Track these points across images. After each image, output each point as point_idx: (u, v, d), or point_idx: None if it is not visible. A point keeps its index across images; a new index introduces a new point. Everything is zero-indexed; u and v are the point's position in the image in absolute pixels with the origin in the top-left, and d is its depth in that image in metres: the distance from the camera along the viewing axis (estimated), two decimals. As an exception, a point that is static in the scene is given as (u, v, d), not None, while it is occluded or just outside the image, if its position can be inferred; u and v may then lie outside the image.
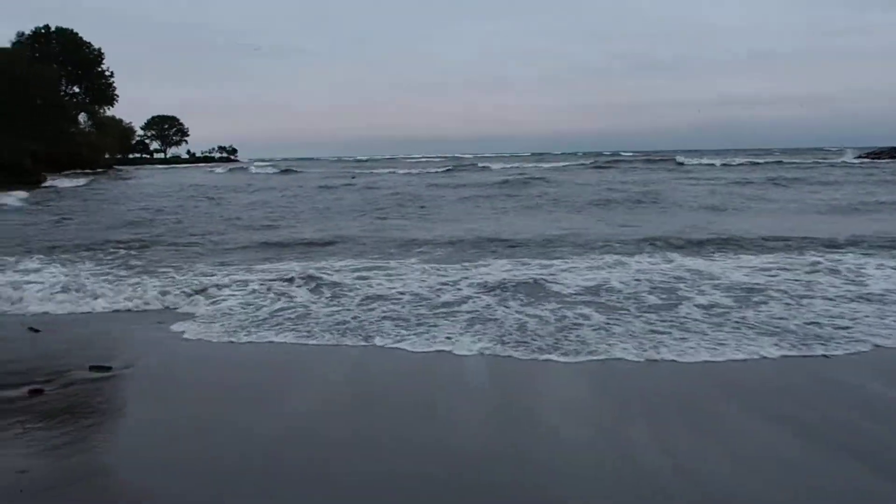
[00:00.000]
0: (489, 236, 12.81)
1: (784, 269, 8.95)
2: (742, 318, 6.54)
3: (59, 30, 69.00)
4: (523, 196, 24.33)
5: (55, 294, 8.08)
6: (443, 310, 7.10)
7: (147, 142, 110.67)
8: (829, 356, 5.52)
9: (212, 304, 7.57)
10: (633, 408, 4.55)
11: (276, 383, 5.26)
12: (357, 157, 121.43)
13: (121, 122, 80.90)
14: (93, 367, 5.48)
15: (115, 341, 6.41)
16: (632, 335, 6.06)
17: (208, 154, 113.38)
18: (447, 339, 6.10)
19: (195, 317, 7.11)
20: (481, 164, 56.16)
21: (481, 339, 6.05)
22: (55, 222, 17.93)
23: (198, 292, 8.01)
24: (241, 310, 7.26)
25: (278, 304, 7.43)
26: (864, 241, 11.24)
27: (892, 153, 54.17)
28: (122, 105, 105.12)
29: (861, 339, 5.90)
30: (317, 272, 9.05)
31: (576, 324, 6.47)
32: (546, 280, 8.33)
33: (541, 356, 5.62)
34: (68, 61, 67.83)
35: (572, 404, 4.75)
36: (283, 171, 56.96)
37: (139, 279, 8.88)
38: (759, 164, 50.41)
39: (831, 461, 3.74)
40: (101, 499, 3.46)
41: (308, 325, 6.66)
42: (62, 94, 65.31)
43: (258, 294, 7.85)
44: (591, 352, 5.67)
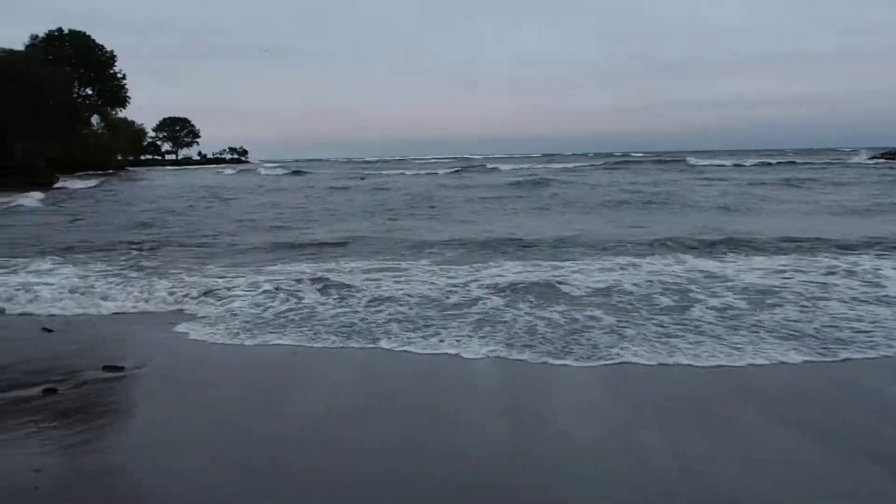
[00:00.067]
0: (500, 237, 12.77)
1: (798, 270, 8.85)
2: (758, 322, 6.45)
3: (72, 32, 69.59)
4: (534, 197, 24.29)
5: (67, 295, 8.13)
6: (452, 311, 7.06)
7: (158, 143, 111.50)
8: (849, 360, 5.44)
9: (221, 305, 7.58)
10: (646, 413, 4.49)
11: (285, 385, 5.25)
12: (366, 159, 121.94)
13: (133, 123, 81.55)
14: (106, 367, 5.51)
15: (126, 342, 6.43)
16: (644, 338, 6.00)
17: (219, 155, 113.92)
18: (455, 341, 6.05)
19: (205, 318, 7.12)
20: (491, 166, 56.13)
21: (490, 342, 5.98)
22: (68, 223, 18.06)
23: (208, 294, 8.03)
24: (250, 311, 7.27)
25: (288, 306, 7.43)
26: (879, 243, 11.09)
27: (907, 153, 53.72)
28: (134, 106, 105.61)
29: (881, 343, 5.80)
30: (326, 273, 9.05)
31: (587, 326, 6.41)
32: (557, 282, 8.28)
33: (551, 360, 5.54)
34: (81, 64, 68.39)
35: (583, 409, 4.68)
36: (293, 173, 57.22)
37: (150, 280, 8.90)
38: (771, 164, 50.16)
39: (851, 465, 3.68)
40: (115, 497, 3.47)
41: (316, 326, 6.65)
42: (75, 96, 65.87)
43: (268, 295, 7.85)
44: (603, 355, 5.59)
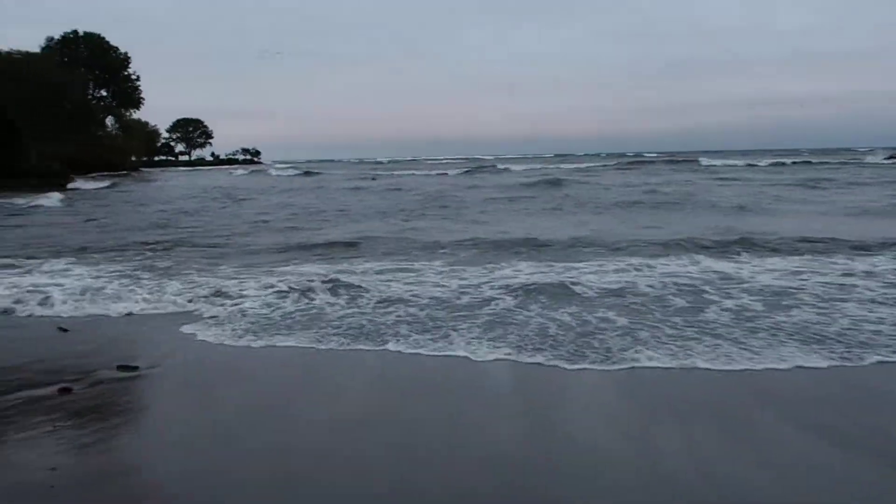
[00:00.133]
0: (513, 238, 12.72)
1: (814, 272, 8.76)
2: (775, 324, 6.35)
3: (87, 35, 70.23)
4: (547, 197, 24.20)
5: (80, 296, 8.17)
6: (463, 313, 7.02)
7: (172, 144, 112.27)
8: (874, 364, 5.33)
9: (233, 306, 7.58)
10: (662, 418, 4.41)
11: (295, 387, 5.22)
12: (377, 159, 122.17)
13: (146, 124, 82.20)
14: (120, 367, 5.53)
15: (139, 342, 6.46)
16: (659, 341, 5.92)
17: (232, 156, 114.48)
18: (465, 344, 5.98)
19: (217, 319, 7.13)
20: (502, 166, 56.04)
21: (500, 345, 5.91)
22: (82, 224, 18.21)
23: (219, 295, 8.03)
24: (261, 312, 7.27)
25: (299, 307, 7.43)
26: (896, 244, 10.97)
27: (924, 154, 53.05)
28: (148, 108, 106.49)
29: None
30: (338, 275, 9.05)
31: (600, 328, 6.33)
32: (570, 283, 8.22)
33: (562, 363, 5.44)
34: (96, 65, 69.03)
35: (599, 413, 4.60)
36: (304, 173, 57.41)
37: (162, 281, 8.94)
38: (785, 164, 49.73)
39: (875, 472, 3.63)
40: (129, 497, 3.47)
41: (325, 328, 6.61)
42: (90, 97, 66.46)
43: (279, 296, 7.86)
44: (618, 359, 5.49)
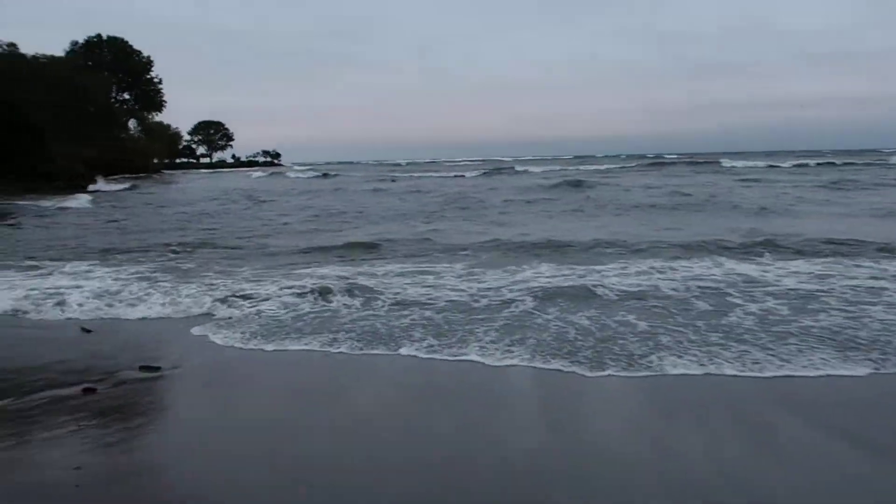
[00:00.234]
0: (534, 240, 12.65)
1: (841, 275, 8.60)
2: (804, 329, 6.20)
3: (111, 39, 71.20)
4: (567, 199, 24.07)
5: (101, 297, 8.26)
6: (481, 316, 6.97)
7: (193, 146, 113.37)
8: None
9: (252, 308, 7.61)
10: (687, 426, 4.33)
11: (312, 390, 5.22)
12: (396, 161, 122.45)
13: (168, 127, 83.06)
14: (143, 368, 5.57)
15: (160, 343, 6.50)
16: (683, 346, 5.80)
17: (252, 158, 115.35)
18: (480, 348, 5.89)
19: (236, 321, 7.16)
20: (521, 168, 55.89)
21: (518, 350, 5.81)
22: (105, 225, 18.45)
23: (238, 297, 8.06)
24: (279, 315, 7.28)
25: (317, 310, 7.44)
26: (924, 247, 10.73)
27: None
28: (170, 109, 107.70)
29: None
30: (357, 277, 9.06)
31: (620, 333, 6.21)
32: (591, 285, 8.15)
33: (581, 369, 5.32)
34: (119, 69, 69.96)
35: (623, 421, 4.52)
36: (322, 175, 57.71)
37: (183, 284, 9.00)
38: (808, 165, 49.03)
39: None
40: (152, 496, 3.49)
41: (340, 331, 6.58)
42: (113, 100, 67.32)
43: (298, 299, 7.87)
44: (640, 365, 5.38)
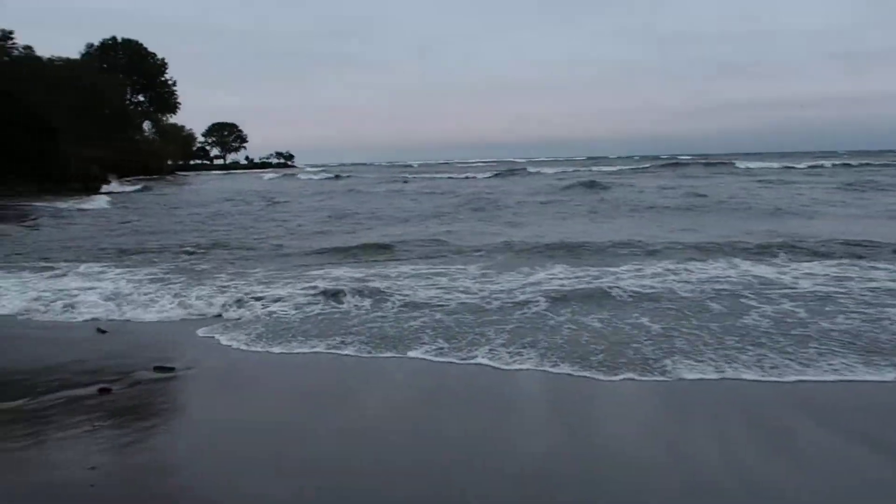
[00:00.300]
0: (548, 241, 12.59)
1: (858, 276, 8.49)
2: (822, 332, 6.11)
3: (125, 41, 71.79)
4: (581, 200, 23.95)
5: (114, 299, 8.29)
6: (494, 317, 6.94)
7: (207, 148, 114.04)
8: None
9: (263, 310, 7.61)
10: (703, 432, 4.27)
11: (323, 392, 5.22)
12: (407, 162, 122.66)
13: (182, 128, 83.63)
14: (157, 368, 5.59)
15: (174, 344, 6.53)
16: (698, 350, 5.73)
17: (266, 160, 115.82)
18: (491, 351, 5.84)
19: (247, 323, 7.17)
20: (533, 169, 55.74)
21: (530, 353, 5.75)
22: (118, 226, 18.60)
23: (251, 299, 8.06)
24: (291, 317, 7.29)
25: (328, 312, 7.43)
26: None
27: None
28: (185, 111, 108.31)
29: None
30: (369, 279, 9.05)
31: (634, 336, 6.15)
32: (606, 287, 8.10)
33: (593, 373, 5.25)
34: (134, 71, 70.53)
35: (638, 425, 4.47)
36: (334, 177, 57.87)
37: (196, 285, 9.02)
38: (824, 167, 48.52)
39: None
40: (167, 496, 3.50)
41: (350, 333, 6.56)
42: (127, 102, 67.87)
43: (310, 301, 7.86)
44: (654, 369, 5.31)
